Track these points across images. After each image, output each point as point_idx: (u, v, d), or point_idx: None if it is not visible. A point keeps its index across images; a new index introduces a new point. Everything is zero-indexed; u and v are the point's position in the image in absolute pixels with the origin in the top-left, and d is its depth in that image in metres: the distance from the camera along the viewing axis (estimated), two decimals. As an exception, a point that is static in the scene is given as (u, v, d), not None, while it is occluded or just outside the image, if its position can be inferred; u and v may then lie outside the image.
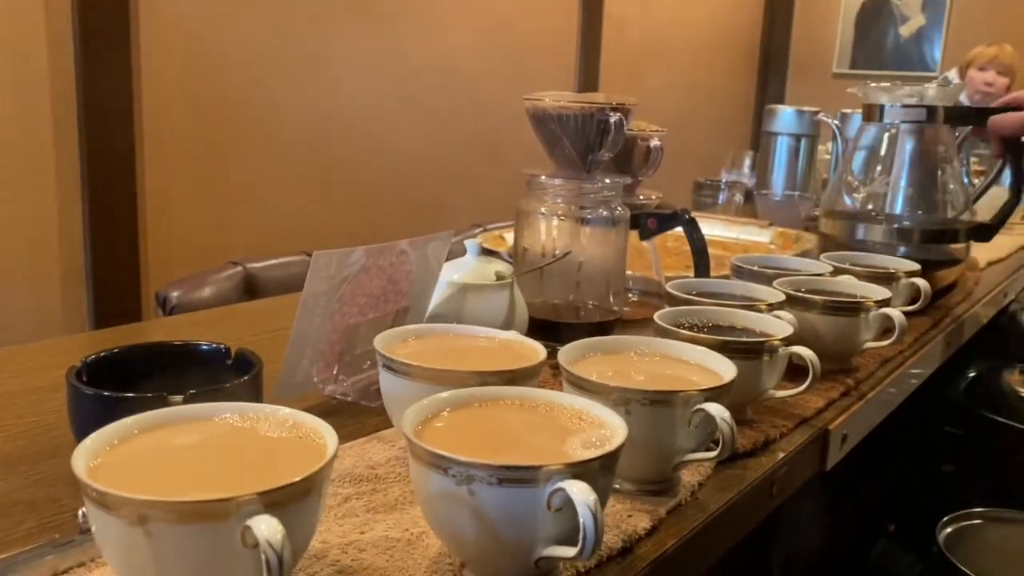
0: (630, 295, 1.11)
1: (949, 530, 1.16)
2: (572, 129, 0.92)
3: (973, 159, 1.95)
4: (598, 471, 0.47)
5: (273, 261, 1.61)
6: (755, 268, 1.03)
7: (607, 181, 0.94)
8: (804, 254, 1.44)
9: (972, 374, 1.54)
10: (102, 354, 0.67)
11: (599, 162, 0.94)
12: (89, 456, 0.44)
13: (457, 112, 3.24)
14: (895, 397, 0.98)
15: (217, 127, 2.49)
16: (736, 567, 0.78)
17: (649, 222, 1.03)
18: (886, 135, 1.31)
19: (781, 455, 0.73)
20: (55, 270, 2.20)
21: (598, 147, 0.93)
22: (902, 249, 1.24)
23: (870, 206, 1.30)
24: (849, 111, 1.76)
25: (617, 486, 0.62)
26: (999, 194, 1.36)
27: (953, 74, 3.77)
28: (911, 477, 1.54)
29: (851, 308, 0.90)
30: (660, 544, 0.57)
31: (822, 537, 1.29)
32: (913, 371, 1.04)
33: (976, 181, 1.68)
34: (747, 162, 2.97)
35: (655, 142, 1.07)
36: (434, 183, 3.16)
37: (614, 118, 0.91)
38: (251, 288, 1.55)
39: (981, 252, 1.50)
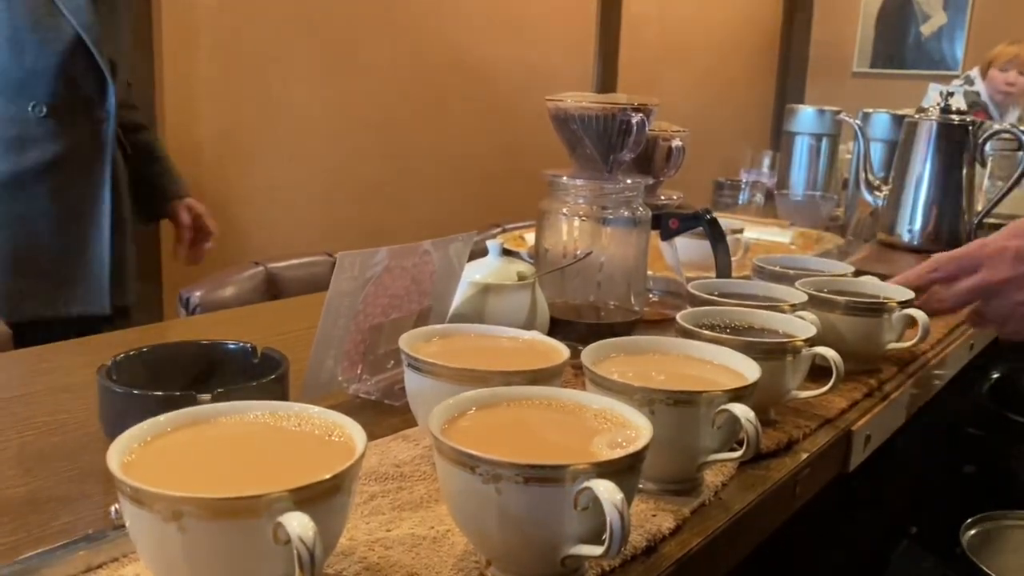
0: (651, 295, 1.11)
1: (973, 532, 1.15)
2: (594, 130, 0.92)
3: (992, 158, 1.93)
4: (624, 471, 0.47)
5: (294, 261, 1.62)
6: (777, 268, 1.03)
7: (628, 182, 0.95)
8: (825, 255, 1.44)
9: (995, 375, 1.53)
10: (131, 353, 0.68)
11: (621, 162, 0.95)
12: (123, 452, 0.45)
13: (475, 111, 3.25)
14: (918, 398, 0.98)
15: (238, 128, 2.51)
16: (758, 567, 0.78)
17: (671, 222, 1.03)
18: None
19: (804, 456, 0.73)
20: (79, 270, 2.23)
21: (620, 148, 0.93)
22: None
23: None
24: (871, 110, 1.75)
25: (641, 486, 0.62)
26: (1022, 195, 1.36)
27: (975, 73, 3.74)
28: (933, 479, 1.53)
29: (874, 309, 0.90)
30: (684, 544, 0.58)
31: (843, 538, 1.28)
32: (936, 372, 1.03)
33: (1000, 183, 1.68)
34: (766, 161, 2.95)
35: (677, 143, 1.07)
36: (452, 183, 3.17)
37: (636, 119, 0.91)
38: (273, 288, 1.56)
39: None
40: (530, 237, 1.41)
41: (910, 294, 0.92)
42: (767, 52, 5.01)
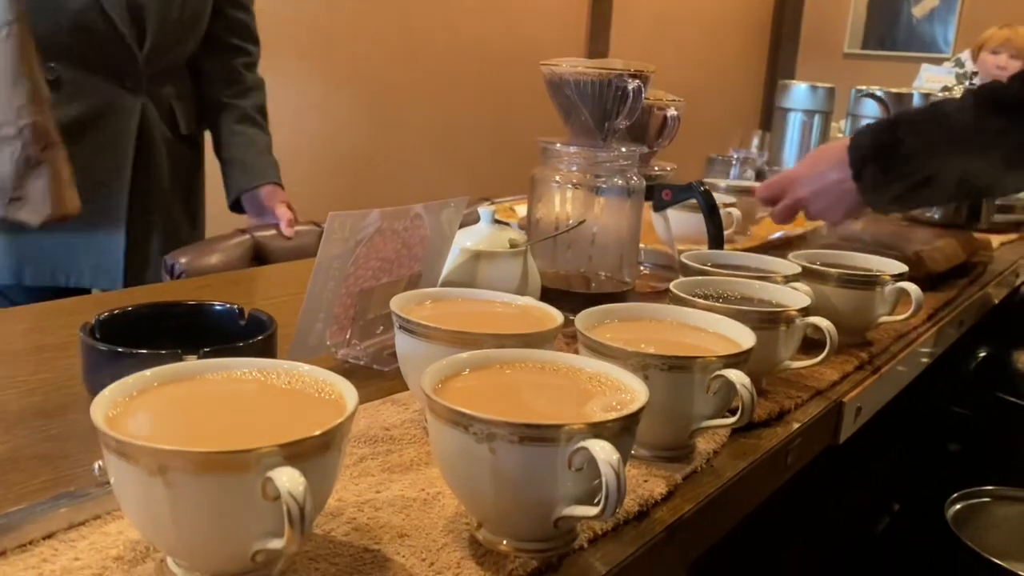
0: (642, 268, 1.10)
1: (957, 507, 1.16)
2: (589, 96, 0.91)
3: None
4: (619, 432, 0.46)
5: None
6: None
7: (623, 150, 0.93)
8: (815, 231, 1.43)
9: (983, 354, 1.53)
10: (115, 312, 0.67)
11: (616, 130, 0.93)
12: (108, 406, 0.44)
13: (465, 84, 3.22)
14: (908, 373, 0.98)
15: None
16: (744, 539, 0.78)
17: (663, 193, 1.02)
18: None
19: (796, 426, 0.73)
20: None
21: (615, 114, 0.92)
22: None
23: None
24: (863, 87, 1.74)
25: (633, 452, 0.61)
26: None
27: (966, 56, 3.73)
28: (917, 455, 1.54)
29: (867, 281, 0.89)
30: (676, 509, 0.57)
31: (828, 512, 1.29)
32: (926, 348, 1.03)
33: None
34: (755, 142, 2.94)
35: (672, 112, 1.05)
36: (442, 155, 3.14)
37: (632, 85, 0.89)
38: (259, 256, 1.54)
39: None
40: (520, 209, 1.40)
41: (903, 267, 0.92)
42: (759, 32, 4.98)
